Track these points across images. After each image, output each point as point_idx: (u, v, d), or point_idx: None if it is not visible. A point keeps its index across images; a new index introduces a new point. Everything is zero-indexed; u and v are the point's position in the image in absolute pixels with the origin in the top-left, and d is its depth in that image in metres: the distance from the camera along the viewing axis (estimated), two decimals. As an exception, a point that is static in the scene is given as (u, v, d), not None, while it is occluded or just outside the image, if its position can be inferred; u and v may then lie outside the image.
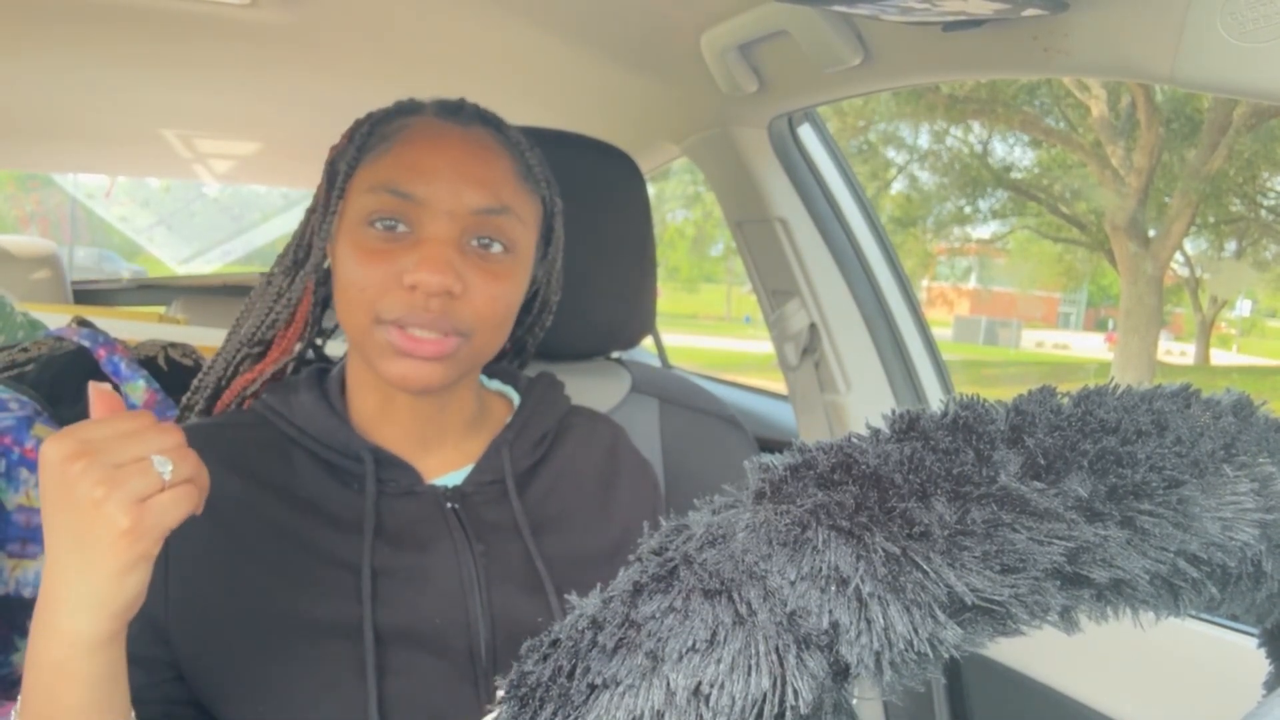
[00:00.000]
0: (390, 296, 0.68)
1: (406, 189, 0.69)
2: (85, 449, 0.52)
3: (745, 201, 1.32)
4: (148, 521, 0.52)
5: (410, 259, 0.68)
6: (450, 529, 0.73)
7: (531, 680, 0.27)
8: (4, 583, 0.94)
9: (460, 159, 0.71)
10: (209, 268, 3.33)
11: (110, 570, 0.52)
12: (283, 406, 0.75)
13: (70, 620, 0.53)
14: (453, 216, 0.69)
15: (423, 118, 0.74)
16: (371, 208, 0.70)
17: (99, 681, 0.54)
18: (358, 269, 0.69)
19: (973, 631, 0.27)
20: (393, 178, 0.70)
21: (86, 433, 0.54)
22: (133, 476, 0.52)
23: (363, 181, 0.71)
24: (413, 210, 0.69)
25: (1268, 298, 7.27)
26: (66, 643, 0.53)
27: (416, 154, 0.71)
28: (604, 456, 0.84)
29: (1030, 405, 0.32)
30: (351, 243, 0.70)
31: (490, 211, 0.71)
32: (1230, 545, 0.30)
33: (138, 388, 1.04)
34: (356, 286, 0.69)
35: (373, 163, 0.72)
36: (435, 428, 0.76)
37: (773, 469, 0.30)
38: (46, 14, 1.26)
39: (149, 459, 0.53)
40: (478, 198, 0.70)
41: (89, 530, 0.52)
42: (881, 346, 1.29)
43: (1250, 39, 0.58)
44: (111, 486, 0.52)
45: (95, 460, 0.52)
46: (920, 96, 5.81)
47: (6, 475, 0.94)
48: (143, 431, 0.54)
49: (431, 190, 0.69)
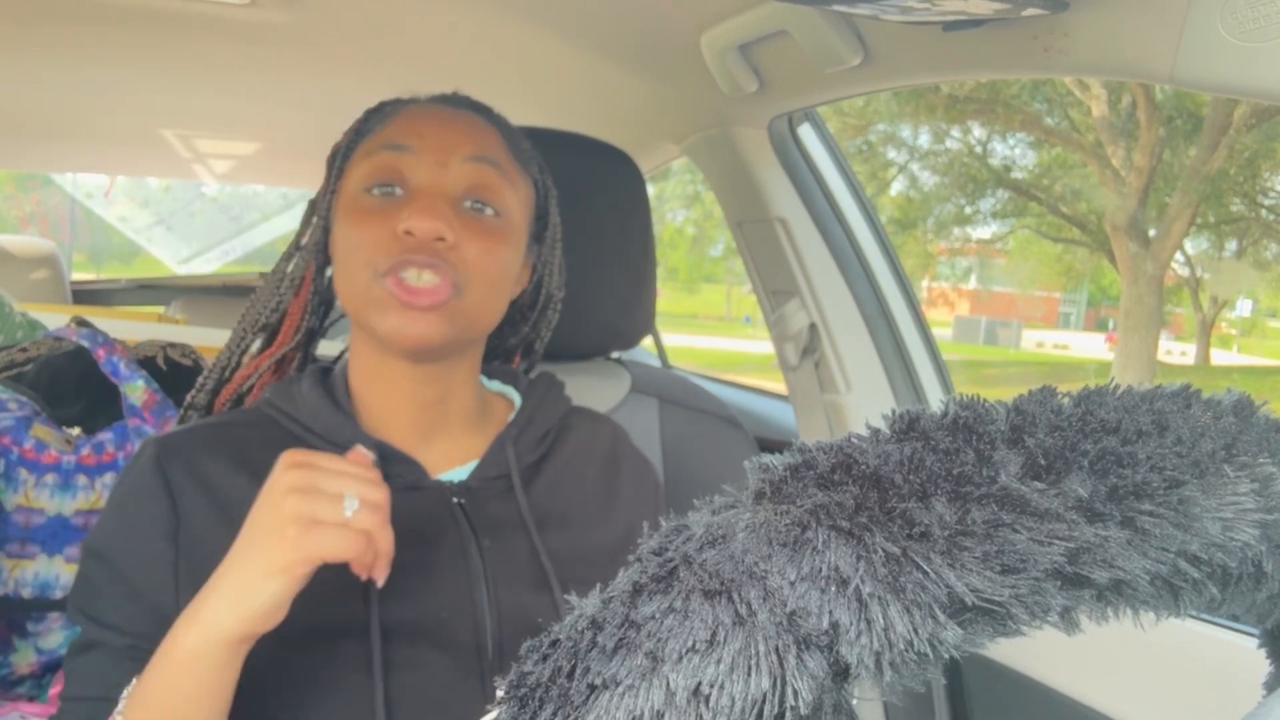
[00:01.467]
0: (385, 247, 0.70)
1: (400, 140, 0.73)
2: (310, 466, 0.59)
3: (745, 201, 1.32)
4: (308, 539, 0.57)
5: (404, 212, 0.70)
6: (456, 524, 0.73)
7: (531, 680, 0.27)
8: (3, 583, 0.94)
9: (451, 118, 0.76)
10: (208, 268, 3.33)
11: (258, 567, 0.57)
12: (287, 404, 0.75)
13: (211, 608, 0.58)
14: (445, 166, 0.72)
15: (417, 104, 0.79)
16: (369, 173, 0.73)
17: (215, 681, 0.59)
18: (355, 231, 0.72)
19: (973, 632, 0.27)
20: (387, 137, 0.74)
21: (315, 458, 0.60)
22: (322, 500, 0.58)
23: (360, 154, 0.75)
24: (406, 164, 0.72)
25: (1268, 298, 7.28)
26: (201, 631, 0.57)
27: (411, 117, 0.75)
28: (605, 455, 0.84)
29: (1030, 405, 0.32)
30: (349, 210, 0.73)
31: (482, 159, 0.74)
32: (1231, 545, 0.30)
33: (137, 388, 1.04)
34: (354, 245, 0.71)
35: (369, 140, 0.75)
36: (439, 420, 0.77)
37: (773, 469, 0.30)
38: (47, 14, 1.26)
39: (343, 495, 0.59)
40: (470, 146, 0.74)
41: (263, 527, 0.58)
42: (881, 346, 1.29)
43: (1250, 39, 0.57)
44: (301, 498, 0.58)
45: (308, 476, 0.59)
46: (920, 96, 5.82)
47: (6, 475, 0.94)
48: (357, 477, 0.60)
49: (424, 142, 0.73)
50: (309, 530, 0.57)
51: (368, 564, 0.60)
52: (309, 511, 0.57)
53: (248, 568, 0.58)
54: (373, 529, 0.59)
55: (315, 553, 0.57)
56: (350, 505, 0.58)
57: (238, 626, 0.57)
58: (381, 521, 0.60)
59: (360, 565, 0.60)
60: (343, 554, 0.58)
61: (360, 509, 0.59)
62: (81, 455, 0.99)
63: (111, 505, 0.72)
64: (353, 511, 0.58)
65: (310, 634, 0.66)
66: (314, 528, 0.57)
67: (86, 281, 2.91)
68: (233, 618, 0.57)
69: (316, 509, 0.58)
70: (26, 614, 0.96)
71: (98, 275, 4.65)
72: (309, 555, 0.57)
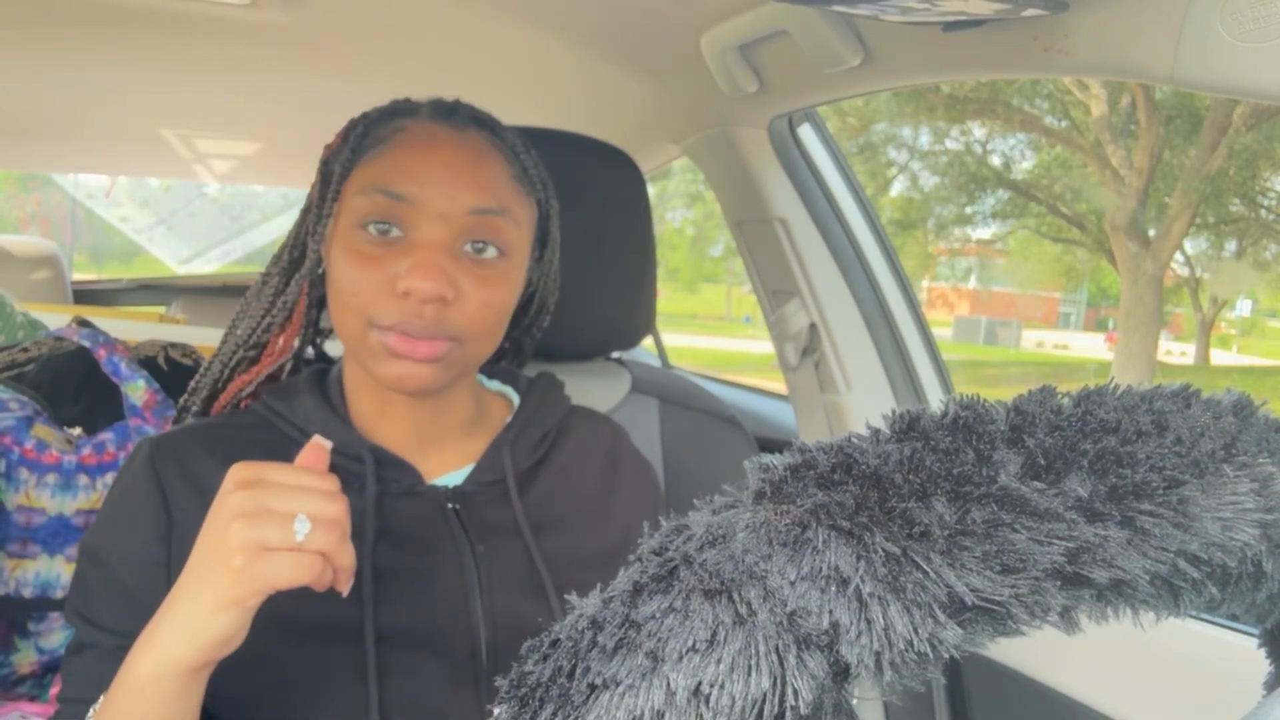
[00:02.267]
0: (383, 302, 0.67)
1: (399, 190, 0.68)
2: (255, 483, 0.55)
3: (745, 201, 1.32)
4: (255, 569, 0.53)
5: (403, 264, 0.67)
6: (451, 529, 0.73)
7: (531, 680, 0.27)
8: (4, 583, 0.94)
9: (454, 161, 0.70)
10: (209, 268, 3.33)
11: (208, 599, 0.54)
12: (283, 407, 0.75)
13: (165, 637, 0.55)
14: (446, 219, 0.69)
15: (418, 120, 0.74)
16: (365, 210, 0.69)
17: (174, 706, 0.56)
18: (350, 273, 0.69)
19: (973, 631, 0.27)
20: (385, 179, 0.69)
21: (267, 472, 0.56)
22: (268, 524, 0.54)
23: (357, 183, 0.71)
24: (405, 212, 0.69)
25: (1268, 298, 7.27)
26: (156, 658, 0.55)
27: (410, 155, 0.70)
28: (604, 457, 0.84)
29: (1030, 405, 0.32)
30: (345, 246, 0.70)
31: (485, 212, 0.70)
32: (1230, 545, 0.30)
33: (137, 388, 1.04)
34: (349, 291, 0.69)
35: (367, 164, 0.71)
36: (435, 428, 0.76)
37: (773, 469, 0.30)
38: (47, 14, 1.26)
39: (294, 515, 0.54)
40: (472, 198, 0.70)
41: (210, 555, 0.55)
42: (881, 346, 1.29)
43: (1250, 39, 0.57)
44: (248, 524, 0.54)
45: (254, 496, 0.54)
46: (920, 96, 5.81)
47: (6, 475, 0.94)
48: (310, 490, 0.56)
49: (424, 192, 0.68)
50: (257, 559, 0.53)
51: (326, 582, 0.57)
52: (257, 538, 0.53)
53: (198, 599, 0.54)
54: (328, 549, 0.55)
55: (265, 583, 0.54)
56: (302, 528, 0.54)
57: (192, 656, 0.54)
58: (338, 539, 0.56)
59: (319, 585, 0.56)
60: (296, 580, 0.54)
61: (313, 530, 0.55)
62: (82, 455, 0.99)
63: (106, 506, 0.72)
64: (305, 534, 0.54)
65: (304, 639, 0.66)
66: (263, 555, 0.54)
67: (87, 281, 2.91)
68: (186, 648, 0.54)
69: (265, 534, 0.54)
70: (28, 614, 0.96)
71: (98, 275, 4.65)
72: (258, 587, 0.54)
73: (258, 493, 0.55)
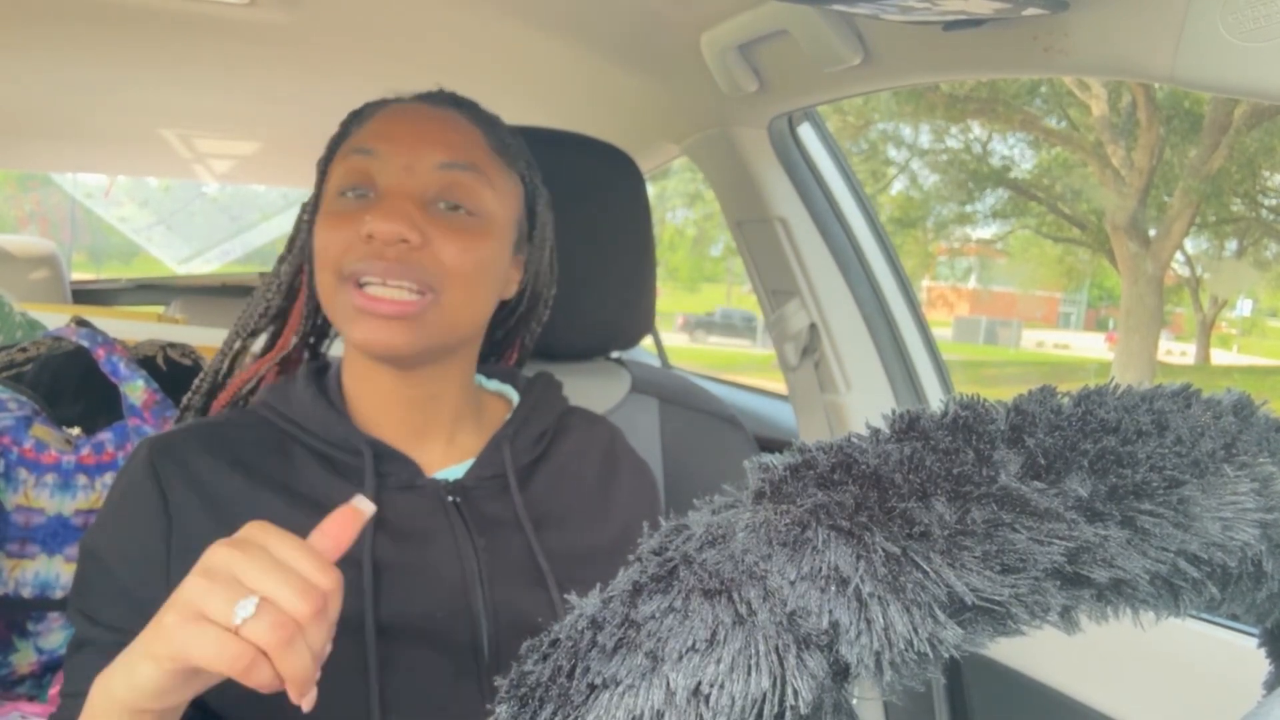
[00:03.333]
0: (350, 252, 0.69)
1: (370, 145, 0.72)
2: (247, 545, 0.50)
3: (745, 201, 1.32)
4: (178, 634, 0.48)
5: (369, 215, 0.69)
6: (451, 523, 0.73)
7: (531, 680, 0.27)
8: (3, 583, 0.94)
9: (425, 124, 0.74)
10: (208, 268, 3.33)
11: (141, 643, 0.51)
12: (281, 403, 0.76)
13: (117, 666, 0.52)
14: (411, 171, 0.71)
15: (399, 102, 0.78)
16: (343, 177, 0.73)
17: None
18: (323, 234, 0.72)
19: (973, 631, 0.27)
20: (359, 142, 0.73)
21: (271, 539, 0.51)
22: (218, 593, 0.48)
23: (337, 159, 0.76)
24: (375, 168, 0.72)
25: (1268, 298, 7.27)
26: (104, 687, 0.52)
27: (384, 120, 0.74)
28: (602, 456, 0.84)
29: (1030, 405, 0.32)
30: (324, 213, 0.73)
31: (453, 167, 0.72)
32: (1231, 545, 0.30)
33: (136, 388, 1.04)
34: (322, 248, 0.71)
35: (346, 142, 0.75)
36: (431, 419, 0.76)
37: (773, 469, 0.30)
38: (47, 14, 1.26)
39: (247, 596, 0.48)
40: (440, 154, 0.72)
41: (165, 608, 0.51)
42: (881, 346, 1.29)
43: (1250, 39, 0.57)
44: (200, 582, 0.49)
45: (232, 557, 0.50)
46: (920, 96, 5.81)
47: (5, 475, 0.94)
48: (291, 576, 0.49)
49: (392, 147, 0.72)
50: (185, 624, 0.48)
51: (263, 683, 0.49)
52: (198, 601, 0.48)
53: (139, 647, 0.51)
54: (268, 646, 0.48)
55: (180, 650, 0.48)
56: (242, 611, 0.48)
57: (127, 697, 0.51)
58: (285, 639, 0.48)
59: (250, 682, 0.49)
60: (214, 664, 0.48)
61: (255, 618, 0.48)
62: (81, 455, 0.99)
63: (106, 505, 0.72)
64: (242, 619, 0.48)
65: None
66: (192, 623, 0.48)
67: (86, 281, 2.91)
68: (123, 687, 0.51)
69: (207, 602, 0.48)
70: (27, 614, 0.96)
71: (97, 275, 4.65)
72: (173, 652, 0.48)
73: (239, 555, 0.49)
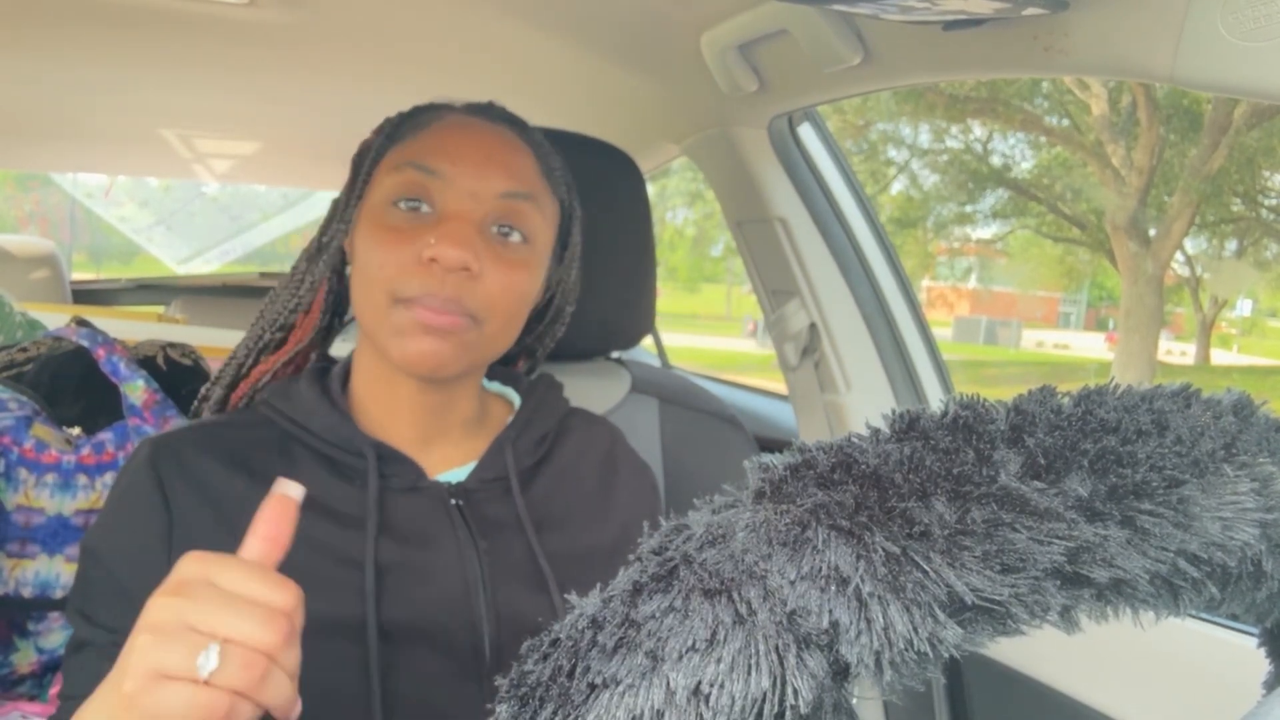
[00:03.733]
0: (408, 274, 0.68)
1: (433, 165, 0.71)
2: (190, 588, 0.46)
3: (745, 201, 1.32)
4: (144, 699, 0.45)
5: (432, 235, 0.68)
6: (454, 525, 0.73)
7: (531, 680, 0.27)
8: (3, 583, 0.94)
9: (487, 145, 0.73)
10: (208, 268, 3.33)
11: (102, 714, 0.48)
12: (284, 404, 0.75)
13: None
14: (476, 197, 0.71)
15: (453, 112, 0.77)
16: (397, 186, 0.71)
17: None
18: (378, 249, 0.70)
19: (973, 631, 0.27)
20: (420, 155, 0.72)
21: (214, 571, 0.47)
22: (174, 647, 0.45)
23: (389, 163, 0.73)
24: (437, 187, 0.71)
25: (1268, 297, 7.27)
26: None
27: (445, 136, 0.73)
28: (603, 458, 0.84)
29: (1030, 405, 0.32)
30: (373, 223, 0.71)
31: (514, 195, 0.72)
32: (1230, 545, 0.30)
33: (136, 388, 1.04)
34: (376, 264, 0.70)
35: (401, 147, 0.74)
36: (439, 425, 0.77)
37: (773, 469, 0.30)
38: (46, 14, 1.26)
39: (208, 642, 0.45)
40: (503, 182, 0.72)
41: (119, 664, 0.47)
42: (881, 346, 1.29)
43: (1250, 39, 0.57)
44: (150, 640, 0.45)
45: (178, 606, 0.46)
46: (920, 96, 5.81)
47: (6, 475, 0.94)
48: (245, 607, 0.46)
49: (457, 169, 0.71)
50: (150, 687, 0.44)
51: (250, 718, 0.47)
52: (155, 662, 0.44)
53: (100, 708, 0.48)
54: (242, 687, 0.45)
55: (151, 716, 0.45)
56: (206, 662, 0.44)
57: None
58: (258, 676, 0.45)
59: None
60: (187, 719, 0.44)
61: (223, 665, 0.44)
62: (82, 455, 0.99)
63: (107, 506, 0.72)
64: (209, 670, 0.44)
65: (306, 635, 0.66)
66: (156, 684, 0.44)
67: (86, 281, 2.91)
68: None
69: (165, 658, 0.44)
70: (27, 614, 0.96)
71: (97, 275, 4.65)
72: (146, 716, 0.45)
73: (184, 602, 0.46)
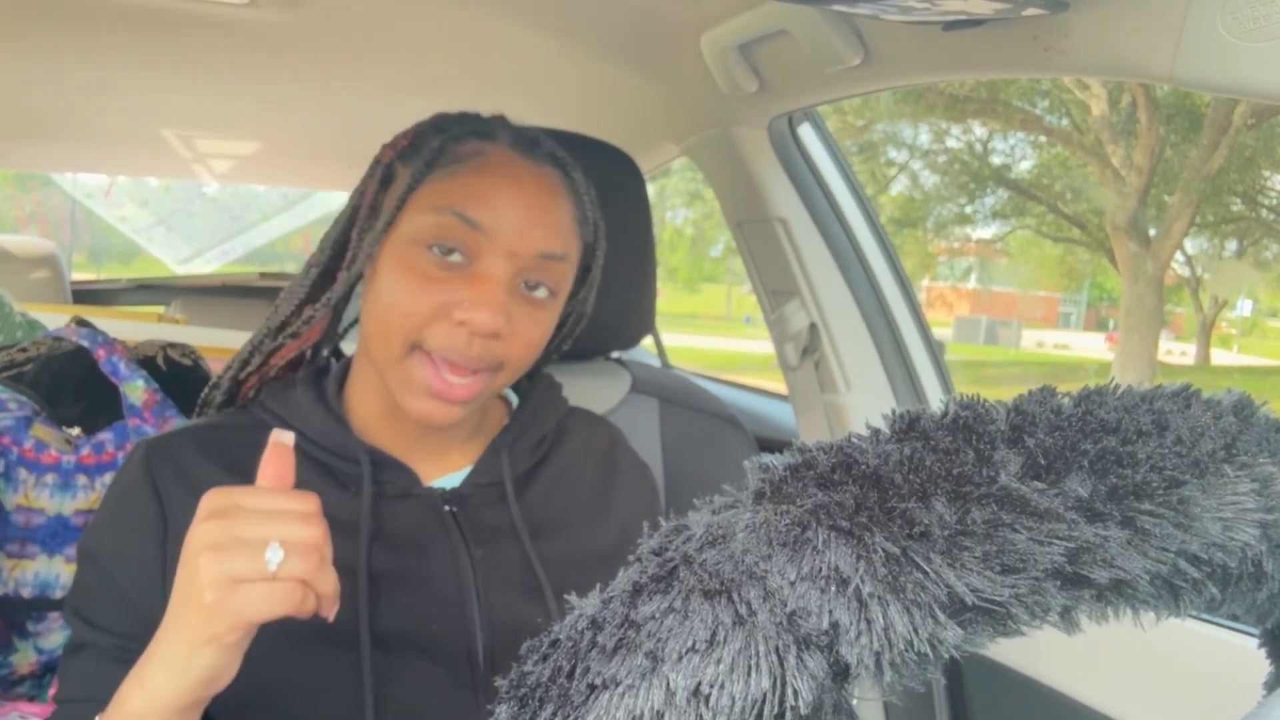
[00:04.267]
0: (437, 328, 0.67)
1: (474, 216, 0.67)
2: (226, 512, 0.52)
3: (745, 201, 1.32)
4: (229, 604, 0.50)
5: (464, 293, 0.67)
6: (448, 532, 0.72)
7: (531, 680, 0.27)
8: (3, 583, 0.94)
9: (531, 199, 0.70)
10: (208, 268, 3.33)
11: (184, 639, 0.52)
12: (279, 407, 0.75)
13: (152, 673, 0.53)
14: (514, 257, 0.68)
15: (498, 147, 0.72)
16: (432, 230, 0.68)
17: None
18: (406, 293, 0.67)
19: (973, 631, 0.27)
20: (461, 201, 0.68)
21: (239, 497, 0.53)
22: (238, 555, 0.51)
23: (426, 199, 0.69)
24: (475, 241, 0.68)
25: (1268, 298, 7.27)
26: (145, 695, 0.53)
27: (489, 184, 0.69)
28: (602, 459, 0.84)
29: (1030, 405, 0.32)
30: (402, 262, 0.68)
31: (550, 257, 0.71)
32: (1231, 545, 0.30)
33: (136, 388, 1.04)
34: (401, 310, 0.67)
35: (440, 181, 0.69)
36: (437, 434, 0.76)
37: (773, 469, 0.30)
38: (47, 14, 1.26)
39: (266, 543, 0.51)
40: (542, 242, 0.70)
41: (183, 591, 0.52)
42: (881, 346, 1.29)
43: (1250, 39, 0.57)
44: (216, 556, 0.51)
45: (223, 525, 0.52)
46: (920, 96, 5.81)
47: (5, 475, 0.94)
48: (285, 514, 0.52)
49: (499, 224, 0.68)
50: (230, 593, 0.50)
51: (309, 610, 0.53)
52: (226, 571, 0.51)
53: (178, 637, 0.52)
54: (305, 575, 0.52)
55: (239, 618, 0.51)
56: (274, 556, 0.51)
57: (177, 696, 0.52)
58: (316, 564, 0.52)
59: (301, 613, 0.53)
60: (274, 612, 0.51)
61: (288, 557, 0.51)
62: (81, 455, 0.99)
63: (103, 507, 0.71)
64: (278, 563, 0.51)
65: (300, 643, 0.66)
66: (235, 589, 0.51)
67: (86, 281, 2.91)
68: (170, 688, 0.52)
69: (235, 566, 0.51)
70: (26, 614, 0.96)
71: (97, 275, 4.65)
72: (233, 622, 0.51)
73: (227, 522, 0.52)
